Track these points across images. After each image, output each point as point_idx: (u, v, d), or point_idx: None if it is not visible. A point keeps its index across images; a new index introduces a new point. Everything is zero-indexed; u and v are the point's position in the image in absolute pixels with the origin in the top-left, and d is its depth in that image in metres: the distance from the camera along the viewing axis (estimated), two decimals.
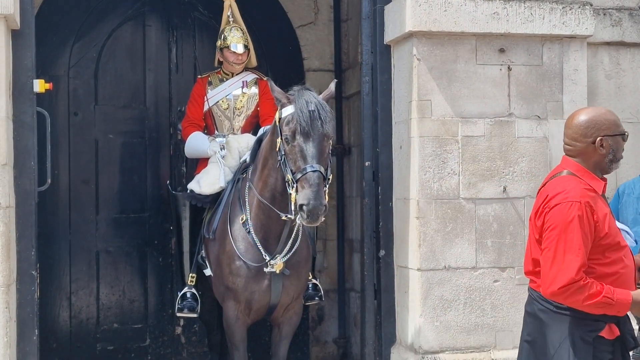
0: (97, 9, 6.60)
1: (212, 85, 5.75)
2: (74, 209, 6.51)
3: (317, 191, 4.15)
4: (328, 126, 4.35)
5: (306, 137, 4.29)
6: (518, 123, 5.25)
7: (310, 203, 4.14)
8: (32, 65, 4.82)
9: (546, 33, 5.25)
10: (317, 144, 4.29)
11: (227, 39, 5.66)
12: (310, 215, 4.16)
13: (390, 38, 5.32)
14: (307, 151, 4.26)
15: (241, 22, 5.78)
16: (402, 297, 5.28)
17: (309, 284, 5.22)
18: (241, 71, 5.75)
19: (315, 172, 4.20)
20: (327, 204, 4.24)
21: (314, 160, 4.24)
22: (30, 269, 4.80)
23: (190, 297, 5.27)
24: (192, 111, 5.76)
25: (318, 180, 4.18)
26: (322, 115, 4.33)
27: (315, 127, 4.30)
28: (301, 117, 4.30)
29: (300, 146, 4.29)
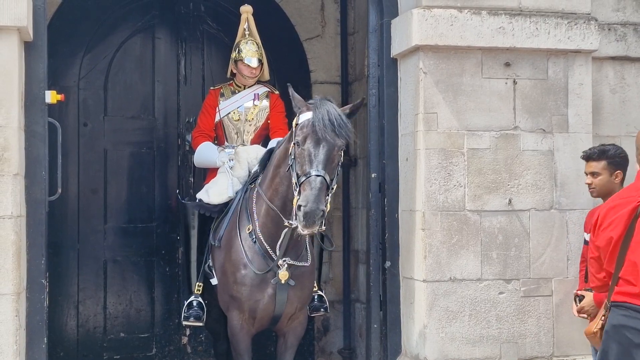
0: (107, 21, 6.67)
1: (224, 96, 5.80)
2: (82, 219, 6.57)
3: (317, 195, 4.13)
4: (342, 138, 4.36)
5: (316, 143, 4.30)
6: (523, 136, 5.30)
7: (308, 205, 4.11)
8: (44, 77, 4.89)
9: (551, 47, 5.30)
10: (326, 151, 4.29)
11: (242, 51, 5.71)
12: (306, 218, 4.11)
13: (397, 51, 5.38)
14: (314, 156, 4.27)
15: (256, 36, 5.83)
16: (408, 308, 5.31)
17: (315, 295, 5.22)
18: (253, 84, 5.81)
19: (319, 176, 4.20)
20: (326, 211, 4.19)
21: (319, 166, 4.24)
22: (40, 278, 4.86)
23: (196, 305, 5.27)
24: (204, 121, 5.81)
25: (320, 185, 4.17)
26: (338, 125, 4.33)
27: (328, 135, 4.31)
28: (317, 124, 4.32)
29: (308, 150, 4.31)
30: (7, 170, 4.61)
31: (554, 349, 5.30)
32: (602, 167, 4.29)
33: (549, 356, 5.30)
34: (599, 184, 4.29)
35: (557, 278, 5.28)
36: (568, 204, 5.35)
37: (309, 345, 6.98)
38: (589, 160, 4.31)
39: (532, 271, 5.24)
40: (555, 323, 5.30)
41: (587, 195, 5.37)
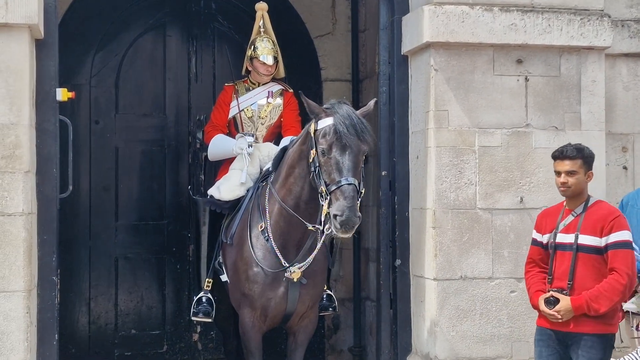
0: (118, 19, 6.69)
1: (238, 93, 5.78)
2: (94, 216, 6.60)
3: (352, 203, 4.19)
4: (365, 143, 4.38)
5: (343, 150, 4.31)
6: (535, 134, 5.27)
7: (345, 214, 4.17)
8: (55, 74, 4.91)
9: (564, 44, 5.27)
10: (353, 157, 4.31)
11: (257, 49, 5.69)
12: (343, 226, 4.19)
13: (408, 48, 5.36)
14: (344, 164, 4.29)
15: (272, 33, 5.81)
16: (418, 306, 5.29)
17: (324, 294, 5.23)
18: (268, 81, 5.80)
19: (351, 184, 4.23)
20: (360, 217, 4.26)
21: (349, 173, 4.26)
22: (51, 275, 4.87)
23: (205, 301, 5.27)
24: (217, 117, 5.79)
25: (353, 193, 4.21)
26: (361, 129, 4.35)
27: (353, 140, 4.32)
28: (340, 130, 4.31)
29: (336, 159, 4.31)
30: (19, 167, 4.63)
31: None
32: (578, 166, 4.19)
33: None
34: (575, 182, 4.18)
35: None
36: None
37: (320, 343, 6.97)
38: (565, 159, 4.23)
39: None
40: None
41: (600, 194, 5.33)
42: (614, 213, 4.16)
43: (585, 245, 4.10)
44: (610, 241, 4.06)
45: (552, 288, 4.15)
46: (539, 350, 4.26)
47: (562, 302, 4.08)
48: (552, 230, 4.21)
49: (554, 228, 4.22)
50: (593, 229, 4.10)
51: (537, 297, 4.19)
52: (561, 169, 4.17)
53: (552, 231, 4.21)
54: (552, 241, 4.20)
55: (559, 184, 4.18)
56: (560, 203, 4.37)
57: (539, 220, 4.35)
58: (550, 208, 4.41)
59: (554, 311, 4.10)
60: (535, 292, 4.21)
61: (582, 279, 4.09)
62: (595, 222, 4.09)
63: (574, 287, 4.10)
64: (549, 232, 4.23)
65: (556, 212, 4.30)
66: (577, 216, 4.18)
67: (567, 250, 4.14)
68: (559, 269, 4.17)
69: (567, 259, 4.14)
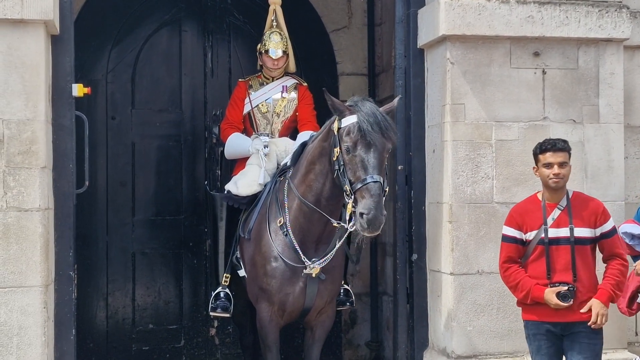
0: (134, 15, 6.70)
1: (252, 88, 5.78)
2: (111, 211, 6.62)
3: (378, 201, 4.17)
4: (390, 140, 4.35)
5: (368, 148, 4.29)
6: (553, 127, 5.22)
7: (372, 213, 4.14)
8: (71, 70, 4.92)
9: (582, 36, 5.21)
10: (378, 154, 4.29)
11: (266, 43, 5.71)
12: (370, 225, 4.16)
13: (424, 42, 5.32)
14: (369, 162, 4.26)
15: (283, 27, 5.80)
16: (435, 301, 5.27)
17: (341, 289, 5.23)
18: (281, 76, 5.79)
19: (377, 182, 4.20)
20: (386, 215, 4.23)
21: (375, 171, 4.24)
22: (68, 270, 4.89)
23: (223, 297, 5.29)
24: (232, 113, 5.79)
25: (379, 191, 4.19)
26: (385, 127, 4.33)
27: (378, 138, 4.30)
28: (365, 128, 4.29)
29: (361, 157, 4.29)
30: (35, 163, 4.65)
31: None
32: (567, 157, 4.30)
33: None
34: (567, 174, 4.27)
35: None
36: (599, 195, 5.23)
37: (337, 337, 6.97)
38: (558, 151, 4.25)
39: None
40: None
41: (619, 187, 5.29)
42: (599, 204, 4.35)
43: (581, 238, 4.22)
44: (606, 230, 4.26)
45: (555, 282, 4.18)
46: (538, 345, 4.29)
47: (596, 309, 4.16)
48: (539, 227, 4.24)
49: (539, 224, 4.25)
50: (587, 221, 4.24)
51: (540, 290, 4.20)
52: (554, 160, 4.24)
53: (540, 227, 4.23)
54: (545, 237, 4.22)
55: (552, 175, 4.23)
56: (531, 198, 4.42)
57: (516, 218, 4.33)
58: (524, 204, 4.42)
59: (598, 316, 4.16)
60: (536, 287, 4.22)
61: (581, 269, 4.20)
62: (588, 215, 4.25)
63: (577, 279, 4.18)
64: (534, 229, 4.25)
65: (535, 207, 4.32)
66: (564, 209, 4.25)
67: (563, 244, 4.21)
68: (557, 263, 4.21)
69: (566, 253, 4.20)
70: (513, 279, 4.29)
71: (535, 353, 4.33)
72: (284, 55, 5.71)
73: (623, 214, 5.26)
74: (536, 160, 4.34)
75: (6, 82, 4.63)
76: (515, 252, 4.30)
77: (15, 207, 4.62)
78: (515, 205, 4.51)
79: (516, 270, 4.29)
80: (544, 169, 4.27)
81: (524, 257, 4.31)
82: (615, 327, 5.25)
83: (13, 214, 4.62)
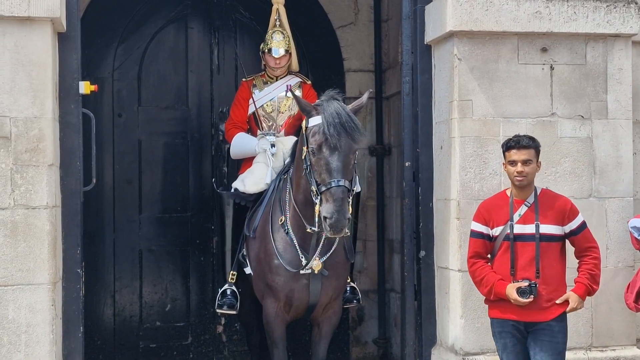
0: (140, 12, 6.70)
1: (256, 88, 5.79)
2: (117, 209, 6.62)
3: (341, 205, 4.22)
4: (356, 140, 4.38)
5: (332, 151, 4.32)
6: (561, 123, 5.20)
7: (334, 217, 4.23)
8: (78, 67, 4.92)
9: (590, 32, 5.19)
10: (343, 157, 4.32)
11: (268, 43, 5.71)
12: (333, 228, 4.25)
13: (431, 38, 5.30)
14: (333, 165, 4.30)
15: (286, 26, 5.80)
16: (443, 298, 5.26)
17: (347, 286, 5.26)
18: (285, 75, 5.80)
19: (340, 187, 4.25)
20: (351, 217, 4.32)
21: (339, 175, 4.28)
22: (76, 267, 4.90)
23: (230, 294, 5.31)
24: (237, 113, 5.80)
25: (342, 195, 4.25)
26: (349, 128, 4.34)
27: (342, 140, 4.32)
28: (328, 130, 4.31)
29: (325, 159, 4.33)
30: (42, 160, 4.65)
31: (593, 340, 5.21)
32: (532, 155, 4.27)
33: (588, 346, 5.21)
34: (531, 171, 4.26)
35: None
36: (607, 192, 5.24)
37: (344, 334, 6.96)
38: (522, 148, 4.24)
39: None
40: (594, 313, 5.21)
41: (627, 183, 5.27)
42: (567, 201, 4.37)
43: (547, 235, 4.22)
44: (574, 226, 4.28)
45: (518, 279, 4.19)
46: (504, 342, 4.31)
47: (573, 303, 4.21)
48: (506, 222, 4.23)
49: (505, 220, 4.25)
50: (554, 219, 4.24)
51: (502, 286, 4.21)
52: (518, 158, 4.24)
53: (506, 223, 4.23)
54: (510, 233, 4.21)
55: (515, 173, 4.25)
56: (500, 194, 4.44)
57: (484, 213, 4.35)
58: (492, 200, 4.44)
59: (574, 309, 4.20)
60: (499, 282, 4.22)
61: (546, 267, 4.20)
62: (556, 213, 4.25)
63: (541, 276, 4.18)
64: (500, 224, 4.26)
65: (503, 203, 4.32)
66: (531, 206, 4.25)
67: (529, 241, 4.21)
68: (521, 259, 4.21)
69: (530, 249, 4.21)
70: (478, 274, 4.31)
71: (501, 351, 4.34)
72: (287, 54, 5.71)
73: (632, 210, 5.24)
74: (504, 157, 4.35)
75: (13, 80, 4.63)
76: (482, 247, 4.31)
77: (23, 205, 4.63)
78: (484, 200, 4.54)
79: (482, 265, 4.30)
80: (509, 166, 4.30)
81: (491, 253, 4.32)
82: (623, 324, 5.24)
83: (21, 211, 4.63)
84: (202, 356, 6.76)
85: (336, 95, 4.57)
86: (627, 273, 5.20)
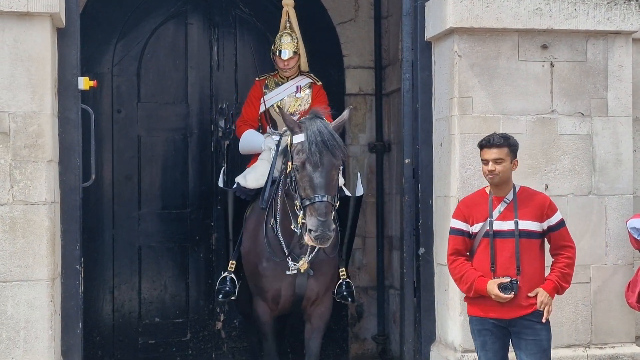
0: (140, 8, 6.68)
1: (268, 88, 5.91)
2: (117, 205, 6.61)
3: (325, 219, 4.47)
4: (338, 157, 4.60)
5: (315, 168, 4.56)
6: (561, 120, 5.19)
7: (319, 230, 4.46)
8: (77, 63, 4.91)
9: (590, 29, 5.18)
10: (326, 174, 4.55)
11: (277, 45, 5.82)
12: (318, 240, 4.49)
13: (431, 35, 5.29)
14: (316, 181, 4.54)
15: (296, 28, 5.90)
16: (442, 295, 5.25)
17: (343, 282, 5.36)
18: (296, 75, 5.91)
19: (323, 202, 4.49)
20: (335, 228, 4.58)
21: (322, 191, 4.52)
22: (75, 263, 4.90)
23: (229, 281, 5.45)
24: (248, 112, 5.94)
25: (326, 210, 4.49)
26: (331, 146, 4.57)
27: (324, 158, 4.56)
28: (310, 148, 4.55)
29: (309, 176, 4.56)
30: (41, 156, 4.64)
31: (592, 337, 5.21)
32: (505, 154, 4.26)
33: (587, 344, 5.21)
34: (503, 170, 4.25)
35: (595, 265, 5.18)
36: (607, 189, 5.24)
37: (343, 331, 6.96)
38: (492, 147, 4.24)
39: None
40: (593, 310, 5.21)
41: (627, 180, 5.26)
42: (545, 197, 4.38)
43: (526, 231, 4.22)
44: (553, 222, 4.28)
45: (499, 276, 4.19)
46: (483, 340, 4.31)
47: (541, 297, 4.19)
48: (485, 219, 4.24)
49: (485, 217, 4.26)
50: (533, 215, 4.25)
51: (482, 282, 4.20)
52: (488, 157, 4.26)
53: (486, 220, 4.24)
54: (489, 229, 4.22)
55: (487, 171, 4.27)
56: (479, 192, 4.45)
57: (463, 210, 4.35)
58: (472, 197, 4.45)
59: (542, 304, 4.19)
60: (479, 278, 4.22)
61: (526, 264, 4.20)
62: (534, 209, 4.25)
63: (522, 273, 4.18)
64: (480, 221, 4.27)
65: (482, 201, 4.33)
66: (510, 203, 4.26)
67: (508, 237, 4.22)
68: (501, 256, 4.22)
69: (510, 246, 4.21)
70: (458, 272, 4.31)
71: (480, 348, 4.34)
72: (295, 55, 5.80)
73: (631, 208, 5.24)
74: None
75: (12, 76, 4.63)
76: (462, 244, 4.32)
77: (21, 201, 4.62)
78: (464, 198, 4.55)
79: (462, 262, 4.30)
80: (482, 165, 4.32)
81: (470, 251, 4.32)
82: (622, 321, 5.24)
83: (20, 207, 4.62)
84: (201, 352, 6.76)
85: (319, 113, 4.79)
86: (626, 270, 5.20)
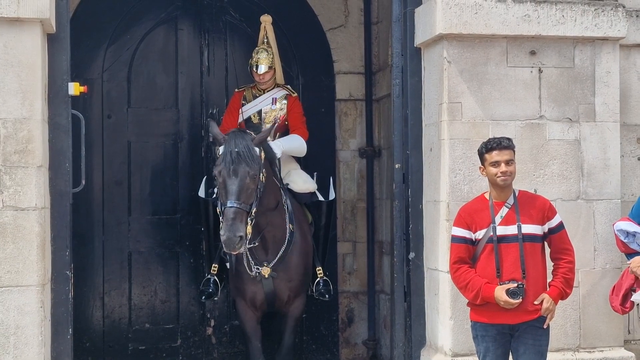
0: (130, 13, 6.68)
1: (246, 99, 6.10)
2: (107, 210, 6.60)
3: (232, 224, 4.81)
4: (250, 166, 4.96)
5: (228, 177, 4.96)
6: (549, 125, 5.23)
7: (225, 234, 4.82)
8: (67, 69, 4.91)
9: (578, 35, 5.22)
10: (238, 182, 4.93)
11: (254, 59, 6.03)
12: (225, 244, 4.84)
13: (421, 41, 5.32)
14: (228, 189, 4.94)
15: (272, 43, 6.08)
16: (432, 299, 5.27)
17: (320, 280, 5.81)
18: (272, 87, 6.10)
19: (232, 207, 4.86)
20: (244, 235, 4.87)
21: (232, 197, 4.90)
22: (65, 269, 4.89)
23: (212, 283, 5.83)
24: (227, 121, 6.10)
25: (233, 215, 4.84)
26: (245, 157, 4.97)
27: (236, 169, 4.94)
28: (224, 159, 4.97)
29: (223, 184, 4.98)
30: (31, 162, 4.64)
31: (581, 341, 5.24)
32: (513, 155, 4.34)
33: (576, 348, 5.24)
34: (514, 171, 4.31)
35: (583, 269, 5.21)
36: (595, 194, 5.28)
37: (333, 336, 6.97)
38: (504, 149, 4.28)
39: None
40: (582, 314, 5.24)
41: (615, 185, 5.30)
42: (545, 200, 4.43)
43: (529, 235, 4.25)
44: (553, 225, 4.33)
45: (504, 281, 4.20)
46: (486, 346, 4.32)
47: (546, 303, 4.23)
48: (488, 225, 4.26)
49: (488, 223, 4.27)
50: (534, 218, 4.28)
51: (490, 289, 4.21)
52: (501, 158, 4.29)
53: (489, 225, 4.26)
54: (493, 235, 4.24)
55: (499, 173, 4.28)
56: (479, 198, 4.47)
57: (465, 218, 4.36)
58: (473, 204, 4.46)
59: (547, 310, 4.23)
60: (486, 285, 4.23)
61: (531, 268, 4.23)
62: (535, 212, 4.29)
63: (527, 277, 4.21)
64: (483, 227, 4.28)
65: (483, 207, 4.35)
66: (512, 207, 4.29)
67: (512, 242, 4.24)
68: (506, 261, 4.23)
69: (514, 251, 4.23)
70: (463, 279, 4.30)
71: (482, 354, 4.35)
72: (270, 70, 6.01)
73: (619, 213, 5.27)
74: (482, 160, 4.38)
75: (2, 81, 4.63)
76: (465, 252, 4.32)
77: (11, 206, 4.61)
78: (463, 205, 4.55)
79: (466, 270, 4.30)
80: (491, 168, 4.31)
81: (473, 257, 4.32)
82: (611, 325, 5.27)
83: (9, 213, 4.62)
84: (191, 358, 6.75)
85: (241, 130, 5.31)
86: (614, 275, 5.23)
